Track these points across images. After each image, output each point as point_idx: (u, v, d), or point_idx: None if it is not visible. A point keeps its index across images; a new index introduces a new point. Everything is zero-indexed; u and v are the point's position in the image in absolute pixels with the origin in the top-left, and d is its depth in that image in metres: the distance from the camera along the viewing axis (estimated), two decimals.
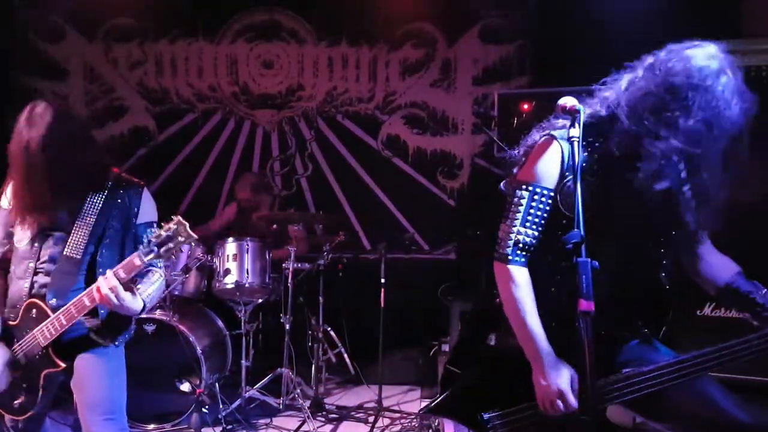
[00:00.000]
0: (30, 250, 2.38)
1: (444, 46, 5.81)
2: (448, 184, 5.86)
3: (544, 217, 1.85)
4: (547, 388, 1.78)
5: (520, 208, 1.85)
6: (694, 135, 1.71)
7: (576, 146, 1.72)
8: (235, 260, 4.47)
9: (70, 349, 2.42)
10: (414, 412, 4.47)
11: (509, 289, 1.85)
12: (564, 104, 1.77)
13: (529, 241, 1.85)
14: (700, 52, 1.76)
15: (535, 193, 1.85)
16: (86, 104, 6.04)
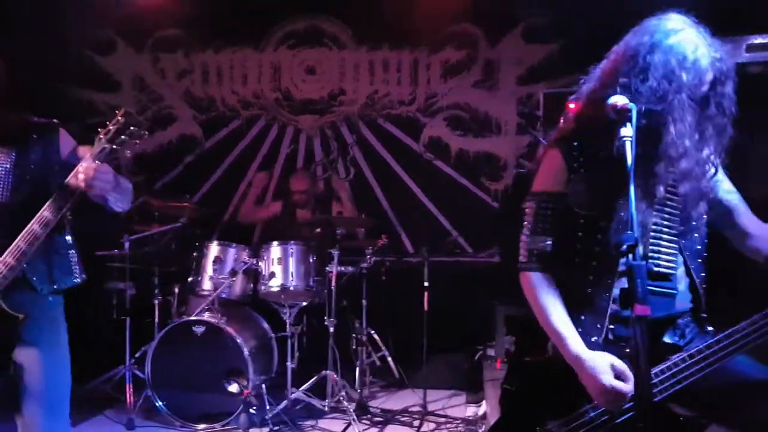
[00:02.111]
0: None
1: (486, 46, 5.78)
2: (492, 186, 5.82)
3: (555, 221, 1.89)
4: (594, 386, 1.75)
5: (530, 218, 1.92)
6: (653, 93, 1.77)
7: (628, 146, 1.69)
8: (280, 264, 4.53)
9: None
10: (459, 416, 4.44)
11: (532, 295, 1.89)
12: (614, 103, 1.74)
13: (542, 247, 1.89)
14: (655, 20, 1.86)
15: (541, 200, 1.90)
16: (136, 114, 6.17)
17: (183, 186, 5.92)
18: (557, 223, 1.89)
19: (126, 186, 2.27)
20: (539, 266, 1.90)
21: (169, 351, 4.27)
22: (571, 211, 1.87)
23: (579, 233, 1.86)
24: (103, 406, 4.56)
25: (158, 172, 6.18)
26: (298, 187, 5.38)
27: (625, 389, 1.70)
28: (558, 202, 1.89)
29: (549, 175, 1.92)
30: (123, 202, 2.29)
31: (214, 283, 4.45)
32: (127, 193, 2.28)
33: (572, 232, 1.88)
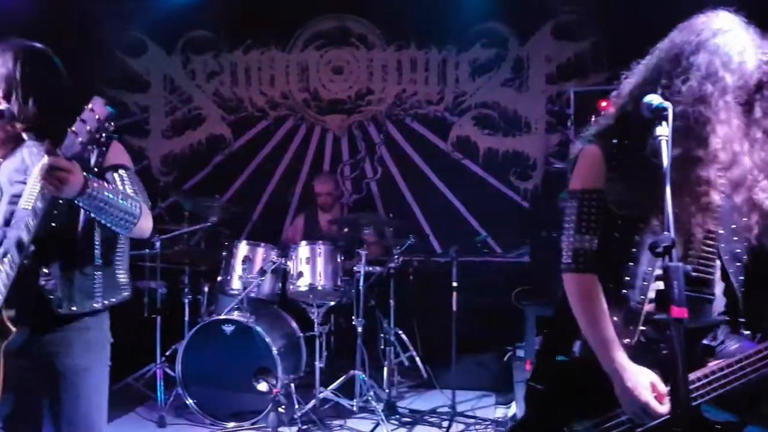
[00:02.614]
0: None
1: (515, 44, 5.74)
2: (521, 185, 5.77)
3: (598, 220, 1.83)
4: (629, 398, 1.72)
5: (572, 216, 1.86)
6: (694, 94, 1.72)
7: (664, 146, 1.65)
8: (308, 263, 4.54)
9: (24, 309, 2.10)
10: (489, 418, 4.41)
11: (576, 298, 1.84)
12: (649, 102, 1.71)
13: (587, 246, 1.83)
14: (703, 17, 1.80)
15: (583, 199, 1.85)
16: (166, 114, 6.27)
17: (212, 186, 5.97)
18: (601, 222, 1.84)
19: (117, 206, 2.03)
20: (585, 267, 1.84)
21: (199, 349, 4.30)
22: (610, 211, 1.83)
23: (616, 233, 1.82)
24: (134, 404, 4.62)
25: (188, 173, 6.24)
26: (321, 189, 5.38)
27: (661, 411, 1.68)
28: (599, 200, 1.84)
29: (589, 173, 1.87)
30: (114, 224, 2.06)
31: (243, 283, 4.48)
32: (116, 212, 2.03)
33: (609, 232, 1.83)
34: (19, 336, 2.08)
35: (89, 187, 1.94)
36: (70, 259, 2.13)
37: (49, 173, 1.86)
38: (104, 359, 2.27)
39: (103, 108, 1.88)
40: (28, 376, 2.16)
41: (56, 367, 2.14)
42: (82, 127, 1.88)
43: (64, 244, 2.12)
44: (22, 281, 2.06)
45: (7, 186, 2.19)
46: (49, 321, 2.13)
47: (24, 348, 2.12)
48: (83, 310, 2.16)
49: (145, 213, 2.14)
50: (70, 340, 2.15)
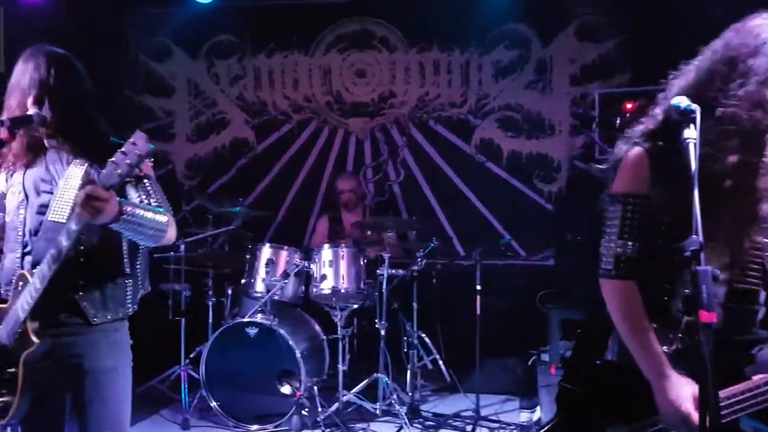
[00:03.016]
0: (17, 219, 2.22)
1: (538, 46, 5.70)
2: (545, 188, 5.72)
3: (641, 226, 1.78)
4: (668, 406, 1.70)
5: (615, 221, 1.80)
6: (751, 99, 1.66)
7: (692, 148, 1.62)
8: (331, 266, 4.54)
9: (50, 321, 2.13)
10: (513, 422, 4.37)
11: (616, 305, 1.80)
12: (677, 104, 1.68)
13: (629, 253, 1.78)
14: (758, 20, 1.73)
15: (627, 203, 1.79)
16: (191, 119, 6.32)
17: (236, 189, 6.02)
18: (643, 228, 1.79)
19: (149, 224, 2.09)
20: (626, 274, 1.80)
21: (223, 352, 4.32)
22: (653, 216, 1.78)
23: (659, 240, 1.76)
24: (159, 406, 4.65)
25: (212, 176, 6.28)
26: (344, 186, 5.39)
27: (696, 421, 1.63)
28: (643, 206, 1.79)
29: (633, 176, 1.81)
30: (145, 240, 2.14)
31: (266, 285, 4.49)
32: (148, 230, 2.09)
33: (652, 238, 1.78)
34: (40, 348, 2.11)
35: (124, 213, 1.99)
36: (102, 270, 2.18)
37: (86, 202, 1.90)
38: (128, 360, 2.30)
39: (144, 144, 1.93)
40: (52, 377, 2.19)
41: (84, 368, 2.17)
42: (123, 159, 1.92)
43: (96, 256, 2.16)
44: (53, 294, 2.09)
45: (33, 194, 2.22)
46: (85, 329, 2.16)
47: (49, 350, 2.15)
48: (116, 317, 2.22)
49: (171, 223, 2.19)
50: (96, 341, 2.19)
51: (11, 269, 2.21)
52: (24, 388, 2.13)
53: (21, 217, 2.21)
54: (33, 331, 2.10)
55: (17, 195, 2.23)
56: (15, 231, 2.22)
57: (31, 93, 2.14)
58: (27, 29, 4.95)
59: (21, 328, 2.11)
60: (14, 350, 2.13)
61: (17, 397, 2.13)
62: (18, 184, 2.24)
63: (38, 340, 2.09)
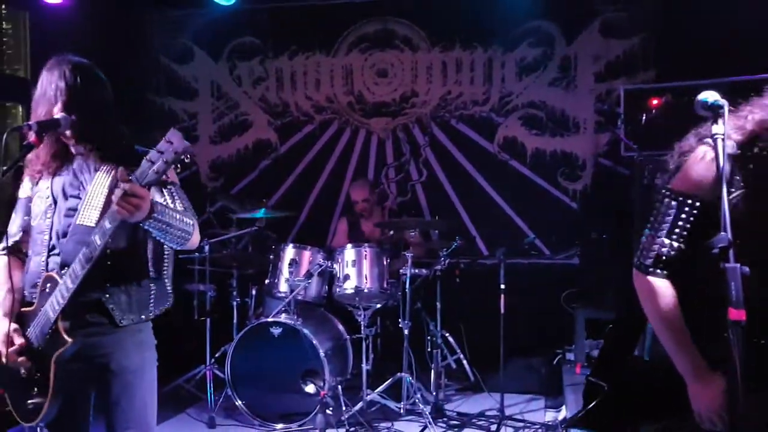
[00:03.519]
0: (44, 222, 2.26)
1: (562, 43, 5.64)
2: (570, 186, 5.67)
3: (691, 229, 1.73)
4: (702, 404, 1.68)
5: (667, 218, 1.75)
6: None
7: (720, 144, 1.58)
8: (354, 266, 4.55)
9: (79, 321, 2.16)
10: (538, 421, 4.34)
11: (652, 301, 1.77)
12: (705, 100, 1.66)
13: (673, 254, 1.75)
14: None
15: (686, 204, 1.74)
16: (213, 121, 6.37)
17: (259, 190, 6.05)
18: (694, 231, 1.74)
19: (177, 225, 2.13)
20: (665, 273, 1.77)
21: (248, 351, 4.35)
22: (709, 220, 1.68)
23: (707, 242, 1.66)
24: (185, 405, 4.69)
25: (235, 177, 6.33)
26: (357, 197, 5.37)
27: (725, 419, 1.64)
28: (700, 209, 1.73)
29: (698, 177, 1.73)
30: (171, 241, 2.18)
31: (290, 285, 4.51)
32: (175, 231, 2.13)
33: (701, 239, 1.68)
34: (71, 347, 2.14)
35: (155, 211, 2.03)
36: (128, 273, 2.21)
37: (124, 199, 1.93)
38: (153, 359, 2.33)
39: (181, 141, 1.95)
40: (79, 377, 2.22)
41: (110, 368, 2.20)
42: (158, 157, 1.94)
43: (122, 259, 2.19)
44: (83, 294, 2.12)
45: (61, 199, 2.25)
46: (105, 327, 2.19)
47: (78, 350, 2.17)
48: (139, 320, 2.25)
49: (196, 228, 2.24)
50: (122, 341, 2.22)
51: (36, 272, 2.24)
52: (55, 389, 2.16)
53: (48, 221, 2.24)
54: (65, 330, 2.13)
55: (45, 200, 2.27)
56: (42, 234, 2.25)
57: (57, 101, 2.18)
58: (51, 34, 5.02)
59: (52, 329, 2.14)
60: (45, 351, 2.16)
61: (49, 398, 2.16)
62: (45, 189, 2.28)
63: (70, 339, 2.12)
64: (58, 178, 2.27)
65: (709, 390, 1.68)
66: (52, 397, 2.16)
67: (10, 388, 2.20)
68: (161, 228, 2.09)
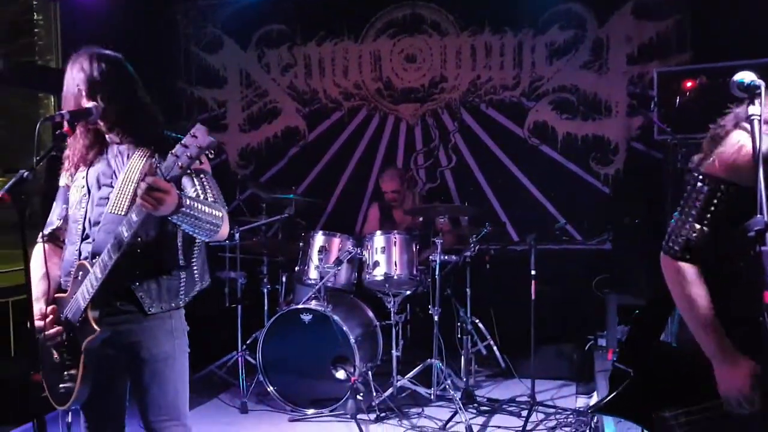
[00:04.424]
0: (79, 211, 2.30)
1: (594, 25, 5.53)
2: (602, 171, 5.58)
3: (722, 215, 1.71)
4: (729, 387, 1.67)
5: (697, 203, 1.73)
6: None
7: (756, 125, 1.55)
8: (384, 253, 4.55)
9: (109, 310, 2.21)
10: (569, 407, 4.32)
11: (680, 285, 1.75)
12: (740, 80, 1.63)
13: (702, 238, 1.72)
14: None
15: (718, 190, 1.71)
16: (243, 109, 6.40)
17: (288, 177, 6.08)
18: (725, 216, 1.70)
19: (206, 218, 2.14)
20: (693, 258, 1.75)
21: (279, 338, 4.40)
22: (744, 205, 1.63)
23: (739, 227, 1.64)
24: (218, 391, 4.77)
25: (264, 165, 6.36)
26: (387, 187, 5.36)
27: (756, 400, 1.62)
28: (732, 194, 1.70)
29: (732, 161, 1.69)
30: (200, 233, 2.19)
31: (319, 272, 4.54)
32: (204, 224, 2.14)
33: (736, 223, 1.64)
34: (100, 336, 2.18)
35: (183, 205, 2.04)
36: (158, 262, 2.24)
37: (148, 193, 1.94)
38: (185, 346, 2.36)
39: (205, 136, 1.96)
40: (113, 365, 2.27)
41: (142, 355, 2.23)
42: (184, 151, 1.96)
43: (153, 248, 2.22)
44: (112, 283, 2.16)
45: (95, 188, 2.29)
46: (135, 315, 2.23)
47: (109, 338, 2.21)
48: (169, 308, 2.28)
49: (225, 219, 2.24)
50: (154, 329, 2.25)
51: (70, 261, 2.28)
52: (84, 374, 2.20)
53: (82, 210, 2.28)
54: (94, 320, 2.17)
55: (80, 190, 2.31)
56: (76, 224, 2.29)
57: (83, 91, 2.21)
58: (82, 24, 5.09)
59: (82, 317, 2.18)
60: (76, 337, 2.21)
61: (78, 383, 2.21)
62: (81, 179, 2.31)
63: (98, 329, 2.16)
64: (93, 168, 2.31)
65: (737, 373, 1.66)
66: (81, 382, 2.21)
67: (46, 373, 2.25)
68: (190, 222, 2.11)
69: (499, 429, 4.05)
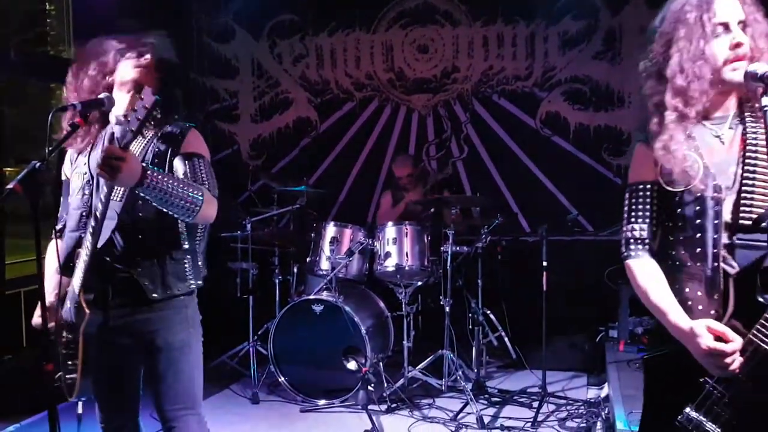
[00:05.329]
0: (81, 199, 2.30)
1: (607, 15, 5.47)
2: (615, 162, 5.54)
3: (650, 209, 1.87)
4: (697, 352, 1.69)
5: (625, 208, 1.92)
6: None
7: None
8: (395, 244, 4.55)
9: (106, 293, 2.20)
10: (580, 398, 4.31)
11: (633, 281, 1.87)
12: (755, 70, 1.65)
13: (638, 234, 1.88)
14: None
15: (631, 191, 1.91)
16: (254, 99, 6.40)
17: (300, 168, 6.08)
18: (653, 209, 1.89)
19: (179, 194, 2.07)
20: (637, 253, 1.88)
21: (290, 328, 4.41)
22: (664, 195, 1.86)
23: (677, 210, 1.83)
24: (229, 381, 4.79)
25: (276, 156, 6.36)
26: (401, 173, 5.36)
27: (724, 348, 1.63)
28: (650, 190, 1.91)
29: (633, 167, 1.95)
30: (176, 211, 2.11)
31: (331, 263, 4.54)
32: (176, 200, 2.07)
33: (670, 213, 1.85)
34: (93, 319, 2.16)
35: (147, 177, 1.99)
36: (159, 245, 2.22)
37: (104, 161, 1.94)
38: (199, 335, 2.37)
39: (150, 97, 1.97)
40: (125, 353, 2.27)
41: (158, 344, 2.24)
42: (134, 115, 1.97)
43: (152, 231, 2.21)
44: (104, 268, 2.16)
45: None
46: (149, 304, 2.22)
47: (124, 326, 2.22)
48: (178, 292, 2.26)
49: (208, 200, 2.17)
50: (168, 318, 2.25)
51: (69, 247, 2.28)
52: (86, 361, 2.19)
53: (85, 197, 2.27)
54: (86, 302, 2.16)
55: (82, 176, 2.29)
56: (77, 211, 2.29)
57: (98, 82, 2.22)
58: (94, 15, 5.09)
59: (77, 302, 2.17)
60: (76, 325, 2.19)
61: (79, 371, 2.20)
62: (83, 165, 2.30)
63: (88, 311, 2.15)
64: (95, 153, 2.29)
65: (697, 342, 1.68)
66: (83, 370, 2.19)
67: (57, 364, 2.25)
68: (160, 196, 2.04)
69: (510, 420, 4.04)
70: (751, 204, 1.71)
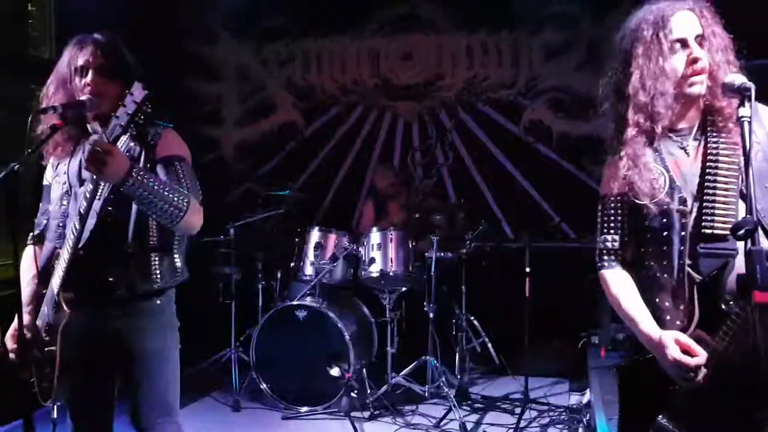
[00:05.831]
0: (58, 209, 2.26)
1: (590, 25, 5.53)
2: (597, 169, 5.57)
3: (621, 220, 1.91)
4: (664, 362, 1.71)
5: (598, 219, 1.97)
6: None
7: (746, 126, 1.58)
8: (380, 249, 4.55)
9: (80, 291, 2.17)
10: (562, 404, 4.33)
11: (608, 292, 1.91)
12: (731, 82, 1.68)
13: (610, 245, 1.92)
14: None
15: (603, 203, 1.97)
16: (239, 103, 6.38)
17: (284, 173, 6.06)
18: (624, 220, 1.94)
19: (164, 198, 2.03)
20: (608, 264, 1.93)
21: (273, 335, 4.39)
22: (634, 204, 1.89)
23: (645, 222, 1.87)
24: (210, 388, 4.74)
25: (261, 160, 6.33)
26: (382, 183, 5.36)
27: (689, 362, 1.65)
28: (618, 201, 1.97)
29: (603, 180, 2.04)
30: (159, 215, 2.07)
31: (315, 269, 4.53)
32: (161, 204, 2.03)
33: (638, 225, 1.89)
34: (73, 319, 2.13)
35: (133, 175, 1.97)
36: (126, 243, 2.17)
37: (91, 154, 1.92)
38: (176, 342, 2.33)
39: (140, 91, 1.94)
40: (103, 358, 2.23)
41: (134, 351, 2.20)
42: (123, 110, 1.94)
43: (121, 230, 2.17)
44: (81, 265, 2.12)
45: (76, 184, 2.24)
46: (121, 304, 2.18)
47: (101, 331, 2.19)
48: (141, 291, 2.19)
49: (194, 209, 2.13)
50: (145, 324, 2.22)
51: (47, 258, 2.25)
52: (62, 363, 2.15)
53: (63, 207, 2.24)
54: (65, 300, 2.13)
55: (62, 185, 2.26)
56: (56, 221, 2.25)
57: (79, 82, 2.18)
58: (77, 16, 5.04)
59: (56, 302, 2.14)
60: (55, 327, 2.16)
61: (57, 373, 2.16)
62: (63, 174, 2.27)
63: (68, 310, 2.12)
64: (75, 160, 2.26)
65: (664, 351, 1.70)
66: (61, 372, 2.16)
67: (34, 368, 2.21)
68: (143, 197, 2.00)
69: (493, 426, 4.05)
70: (712, 214, 1.73)
